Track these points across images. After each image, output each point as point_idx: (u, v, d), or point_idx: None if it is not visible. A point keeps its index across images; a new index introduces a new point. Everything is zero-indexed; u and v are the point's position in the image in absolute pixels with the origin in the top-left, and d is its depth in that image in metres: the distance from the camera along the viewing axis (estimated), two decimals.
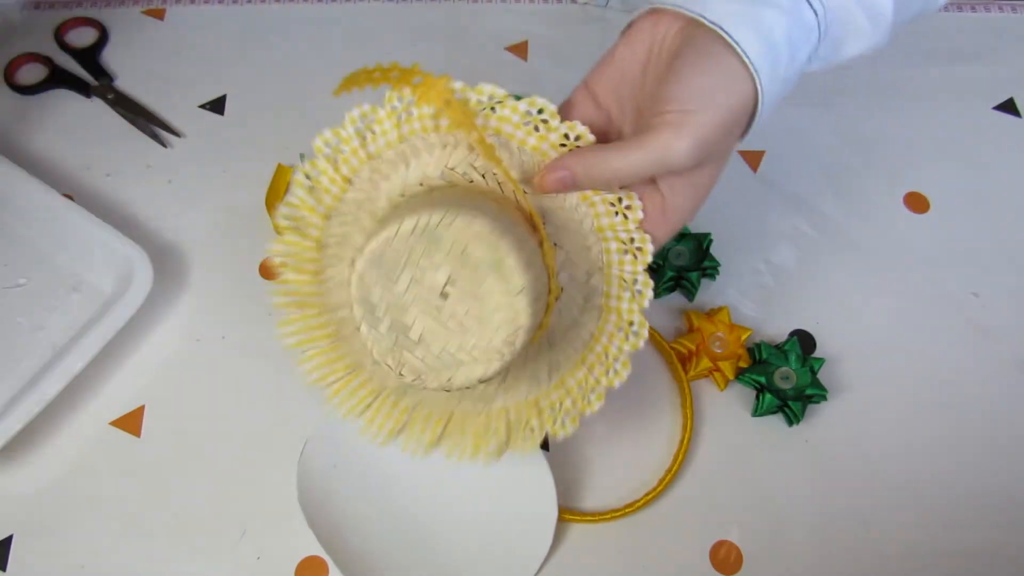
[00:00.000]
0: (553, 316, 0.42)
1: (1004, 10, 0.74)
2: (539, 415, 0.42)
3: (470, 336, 0.37)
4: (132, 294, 0.54)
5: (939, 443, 0.55)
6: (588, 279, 0.42)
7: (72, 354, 0.52)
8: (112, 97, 0.67)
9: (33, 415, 0.51)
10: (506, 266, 0.36)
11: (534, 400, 0.43)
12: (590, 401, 0.42)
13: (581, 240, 0.41)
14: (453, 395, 0.43)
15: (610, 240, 0.41)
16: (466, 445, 0.43)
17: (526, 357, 0.42)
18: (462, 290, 0.37)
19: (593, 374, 0.42)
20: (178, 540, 0.51)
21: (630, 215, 0.41)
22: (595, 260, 0.42)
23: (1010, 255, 0.62)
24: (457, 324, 0.37)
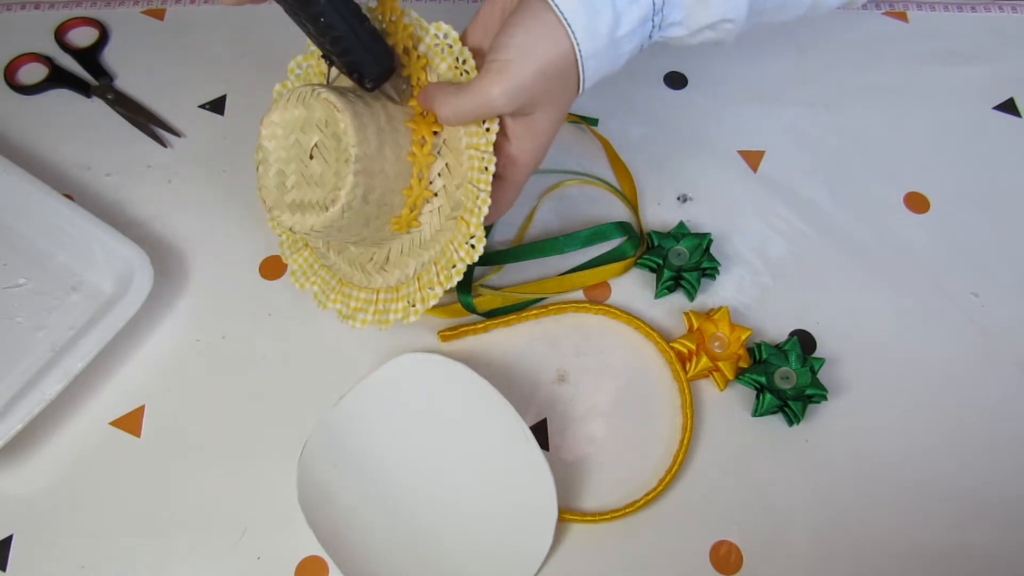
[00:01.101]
0: (427, 217, 0.50)
1: (1004, 10, 0.74)
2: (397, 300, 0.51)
3: (316, 191, 0.47)
4: (132, 294, 0.54)
5: (939, 443, 0.55)
6: (456, 190, 0.49)
7: (72, 354, 0.52)
8: (112, 97, 0.67)
9: (33, 415, 0.51)
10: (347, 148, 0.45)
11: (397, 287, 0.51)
12: (424, 297, 0.49)
13: (459, 155, 0.48)
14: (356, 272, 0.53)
15: (474, 159, 0.47)
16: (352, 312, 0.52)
17: (402, 249, 0.51)
18: (323, 156, 0.47)
19: (438, 278, 0.49)
20: (178, 540, 0.51)
21: (489, 132, 0.46)
22: (465, 173, 0.48)
23: (1010, 255, 0.62)
24: (313, 180, 0.47)
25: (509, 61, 0.43)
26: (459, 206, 0.48)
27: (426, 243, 0.50)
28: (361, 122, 0.45)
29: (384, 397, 0.53)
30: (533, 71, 0.43)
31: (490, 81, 0.43)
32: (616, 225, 0.61)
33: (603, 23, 0.43)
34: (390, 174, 0.47)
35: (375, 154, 0.45)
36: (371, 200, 0.46)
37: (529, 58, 0.43)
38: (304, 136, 0.47)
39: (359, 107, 0.45)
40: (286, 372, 0.56)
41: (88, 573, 0.50)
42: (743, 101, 0.68)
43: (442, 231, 0.49)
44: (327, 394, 0.54)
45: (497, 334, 0.58)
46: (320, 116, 0.46)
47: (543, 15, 0.43)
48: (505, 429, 0.51)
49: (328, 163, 0.46)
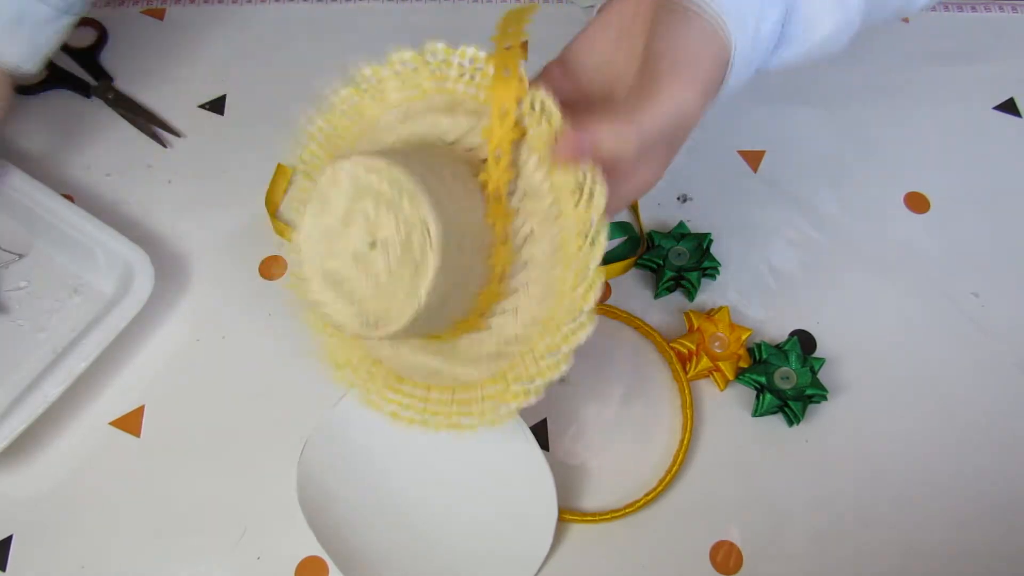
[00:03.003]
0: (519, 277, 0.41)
1: (1004, 10, 0.74)
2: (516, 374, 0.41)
3: (394, 293, 0.37)
4: (133, 297, 0.54)
5: (939, 443, 0.55)
6: (552, 254, 0.40)
7: (73, 356, 0.52)
8: (112, 97, 0.67)
9: (35, 417, 0.51)
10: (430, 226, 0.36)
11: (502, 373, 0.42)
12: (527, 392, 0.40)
13: (545, 210, 0.40)
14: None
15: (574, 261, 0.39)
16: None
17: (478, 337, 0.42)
18: (386, 247, 0.37)
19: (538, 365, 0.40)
20: (178, 540, 0.51)
21: (593, 202, 0.38)
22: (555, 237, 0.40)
23: (1010, 255, 0.62)
24: (377, 278, 0.38)
25: (690, 58, 0.37)
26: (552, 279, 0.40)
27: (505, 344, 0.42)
28: (419, 174, 0.36)
29: None
30: (713, 68, 0.38)
31: (683, 82, 0.37)
32: (616, 225, 0.61)
33: (748, 27, 0.39)
34: (473, 235, 0.39)
35: (451, 209, 0.37)
36: (462, 265, 0.38)
37: (705, 56, 0.37)
38: (348, 230, 0.38)
39: (410, 161, 0.37)
40: (286, 372, 0.56)
41: (88, 573, 0.50)
42: (743, 101, 0.68)
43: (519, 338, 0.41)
44: (327, 394, 0.54)
45: None
46: (362, 189, 0.37)
47: (697, 20, 0.38)
48: (505, 429, 0.51)
49: (395, 241, 0.37)
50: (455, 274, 0.37)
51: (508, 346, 0.41)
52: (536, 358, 0.40)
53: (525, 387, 0.40)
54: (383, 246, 0.37)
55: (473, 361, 0.42)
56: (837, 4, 0.42)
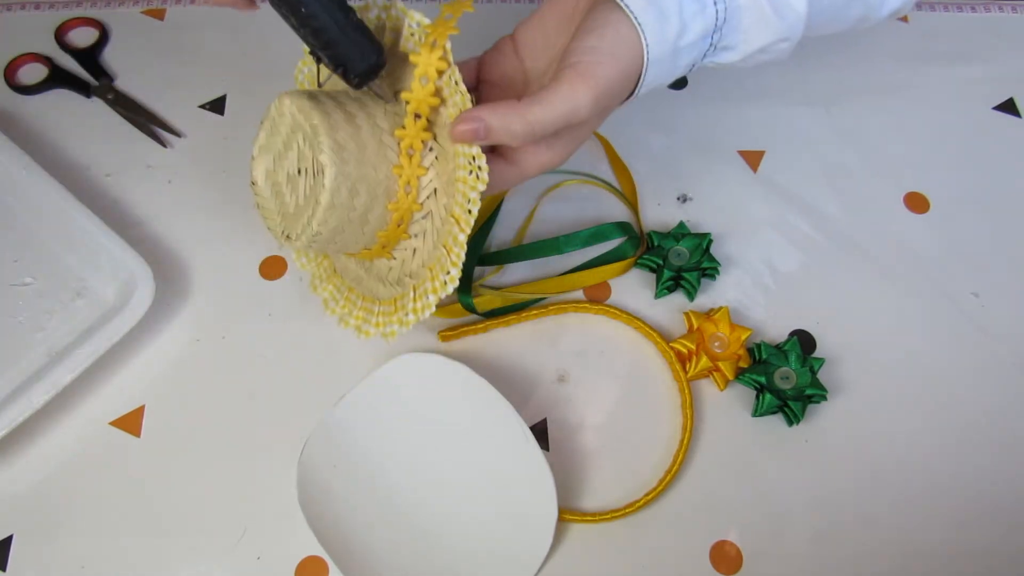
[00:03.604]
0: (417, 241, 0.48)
1: (1004, 10, 0.74)
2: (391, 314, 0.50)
3: (302, 215, 0.45)
4: (132, 307, 0.54)
5: (939, 443, 0.55)
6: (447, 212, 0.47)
7: (65, 363, 0.53)
8: (112, 97, 0.67)
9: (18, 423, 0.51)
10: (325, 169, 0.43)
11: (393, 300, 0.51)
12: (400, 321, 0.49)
13: (449, 177, 0.46)
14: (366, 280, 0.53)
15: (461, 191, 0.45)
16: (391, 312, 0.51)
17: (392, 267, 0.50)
18: (306, 175, 0.45)
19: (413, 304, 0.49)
20: (178, 540, 0.51)
21: (480, 176, 0.43)
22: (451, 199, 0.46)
23: (1010, 255, 0.62)
24: (297, 199, 0.46)
25: (593, 63, 0.41)
26: (442, 234, 0.47)
27: (415, 269, 0.49)
28: (332, 123, 0.43)
29: (384, 397, 0.53)
30: (616, 73, 0.41)
31: (577, 85, 0.41)
32: (616, 225, 0.61)
33: (670, 30, 0.42)
34: (373, 183, 0.45)
35: (354, 158, 0.44)
36: (357, 206, 0.45)
37: (611, 60, 0.41)
38: (287, 152, 0.46)
39: (331, 110, 0.44)
40: (286, 372, 0.56)
41: (88, 573, 0.50)
42: (743, 101, 0.68)
43: (430, 256, 0.48)
44: (327, 394, 0.54)
45: (497, 334, 0.58)
46: (296, 124, 0.45)
47: (619, 23, 0.41)
48: (505, 429, 0.51)
49: (310, 174, 0.45)
50: (347, 211, 0.44)
51: (406, 278, 0.50)
52: (417, 296, 0.48)
53: (402, 317, 0.49)
54: (304, 174, 0.45)
55: (383, 281, 0.51)
56: (777, 17, 0.44)
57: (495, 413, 0.51)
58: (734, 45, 0.45)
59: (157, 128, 0.66)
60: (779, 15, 0.44)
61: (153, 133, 0.65)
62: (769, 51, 0.46)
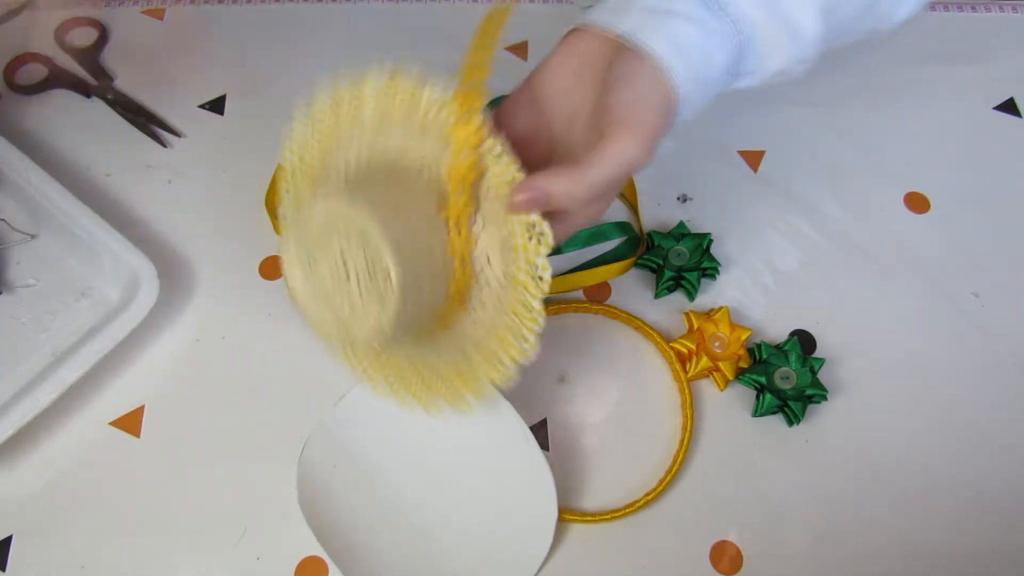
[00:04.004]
0: (475, 303, 0.45)
1: (1004, 10, 0.74)
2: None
3: (359, 317, 0.42)
4: (136, 306, 0.54)
5: (939, 443, 0.55)
6: (505, 281, 0.44)
7: (70, 363, 0.52)
8: (112, 97, 0.67)
9: (24, 423, 0.51)
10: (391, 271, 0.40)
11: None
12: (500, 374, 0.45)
13: (504, 237, 0.43)
14: None
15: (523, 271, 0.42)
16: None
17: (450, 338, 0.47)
18: (358, 276, 0.41)
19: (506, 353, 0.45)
20: (178, 540, 0.51)
21: (543, 240, 0.41)
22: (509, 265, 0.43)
23: (1010, 255, 0.62)
24: (352, 301, 0.42)
25: (636, 112, 0.40)
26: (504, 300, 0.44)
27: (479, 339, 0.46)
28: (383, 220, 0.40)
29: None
30: (658, 118, 0.40)
31: (626, 139, 0.39)
32: (616, 225, 0.61)
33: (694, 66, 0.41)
34: (433, 268, 0.42)
35: (410, 249, 0.41)
36: (423, 297, 0.42)
37: (650, 106, 0.40)
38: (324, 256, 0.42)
39: (376, 202, 0.41)
40: (286, 372, 0.56)
41: (88, 573, 0.50)
42: (743, 101, 0.68)
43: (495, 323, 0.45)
44: (327, 394, 0.54)
45: None
46: (331, 226, 0.41)
47: (644, 65, 0.41)
48: (505, 429, 0.51)
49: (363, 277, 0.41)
50: (416, 304, 0.41)
51: (469, 349, 0.46)
52: (488, 363, 0.45)
53: (477, 385, 0.46)
54: (355, 275, 0.41)
55: (441, 352, 0.47)
56: (790, 40, 0.44)
57: (495, 413, 0.51)
58: (753, 71, 0.45)
59: (157, 128, 0.66)
60: (793, 38, 0.44)
61: (153, 133, 0.65)
62: (787, 73, 0.46)
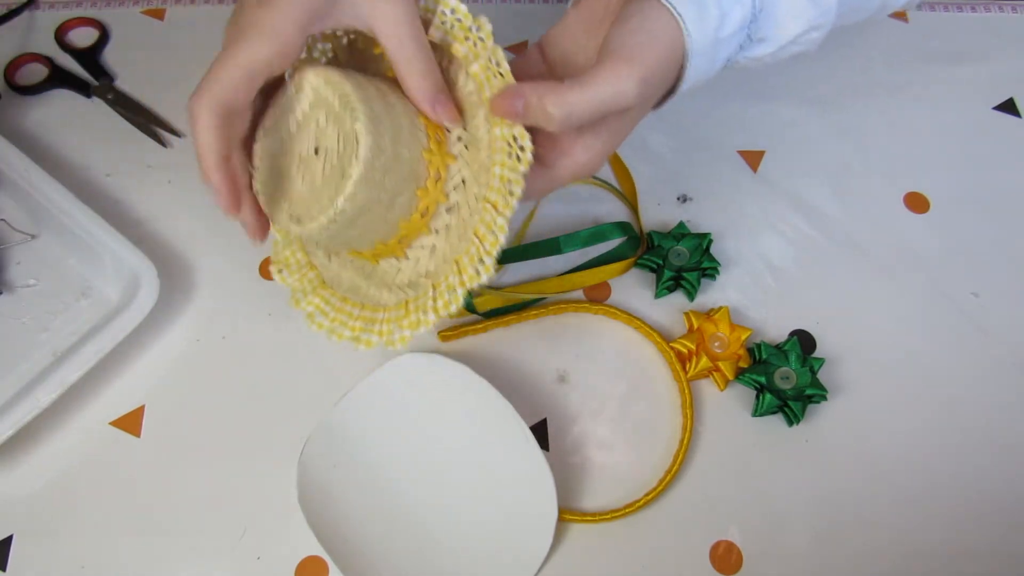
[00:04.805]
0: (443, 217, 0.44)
1: (1004, 10, 0.74)
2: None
3: (320, 195, 0.41)
4: (136, 306, 0.54)
5: (939, 443, 0.55)
6: (475, 202, 0.43)
7: (70, 363, 0.53)
8: (112, 97, 0.67)
9: (24, 423, 0.51)
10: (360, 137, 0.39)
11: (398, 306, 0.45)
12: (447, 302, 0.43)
13: (481, 167, 0.43)
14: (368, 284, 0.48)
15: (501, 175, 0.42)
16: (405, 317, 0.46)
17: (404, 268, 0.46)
18: (325, 154, 0.41)
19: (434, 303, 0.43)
20: (178, 540, 0.51)
21: (524, 153, 0.40)
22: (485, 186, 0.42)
23: (1010, 255, 0.62)
24: (312, 181, 0.42)
25: (637, 45, 0.39)
26: (470, 226, 0.43)
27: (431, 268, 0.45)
28: (366, 95, 0.40)
29: (384, 397, 0.53)
30: (659, 59, 0.39)
31: (621, 68, 0.39)
32: (616, 225, 0.61)
33: (710, 20, 0.41)
34: (406, 164, 0.42)
35: (389, 134, 0.40)
36: (387, 186, 0.41)
37: (654, 43, 0.39)
38: (300, 134, 0.42)
39: (363, 83, 0.40)
40: (286, 372, 0.56)
41: (88, 573, 0.50)
42: (743, 101, 0.68)
43: (451, 252, 0.44)
44: (327, 394, 0.54)
45: (497, 334, 0.58)
46: (319, 100, 0.41)
47: (656, 8, 0.40)
48: (505, 429, 0.51)
49: (333, 151, 0.41)
50: (377, 191, 0.40)
51: (420, 279, 0.45)
52: (438, 294, 0.43)
53: (420, 317, 0.43)
54: (323, 153, 0.41)
55: (388, 286, 0.46)
56: (809, 3, 0.43)
57: (495, 413, 0.51)
58: (768, 36, 0.44)
59: (157, 128, 0.66)
60: (813, 2, 0.43)
61: (153, 133, 0.65)
62: (800, 41, 0.45)
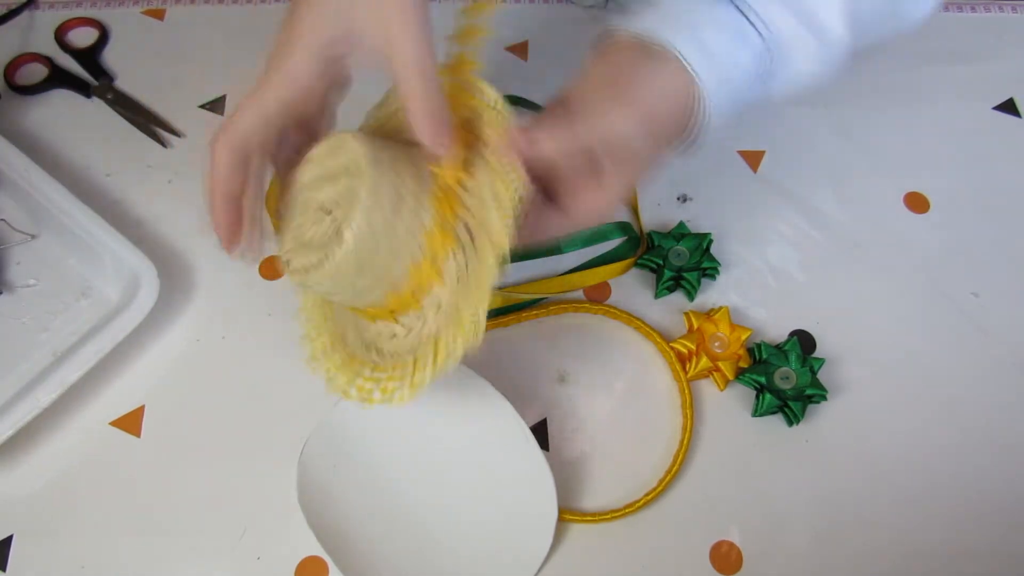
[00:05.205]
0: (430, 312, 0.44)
1: (1004, 10, 0.74)
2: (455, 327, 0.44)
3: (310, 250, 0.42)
4: (136, 306, 0.54)
5: (939, 443, 0.55)
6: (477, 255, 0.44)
7: (70, 363, 0.53)
8: (112, 97, 0.67)
9: (24, 423, 0.51)
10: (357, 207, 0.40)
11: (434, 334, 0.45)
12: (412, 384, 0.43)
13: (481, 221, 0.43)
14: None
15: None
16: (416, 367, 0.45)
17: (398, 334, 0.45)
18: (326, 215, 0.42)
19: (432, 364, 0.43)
20: (178, 540, 0.51)
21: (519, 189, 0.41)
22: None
23: (1010, 255, 0.62)
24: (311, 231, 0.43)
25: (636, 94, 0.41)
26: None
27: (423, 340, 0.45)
28: (381, 179, 0.41)
29: None
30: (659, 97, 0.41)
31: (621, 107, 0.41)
32: (616, 225, 0.61)
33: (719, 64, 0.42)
34: (399, 245, 0.42)
35: (388, 219, 0.41)
36: (371, 263, 0.42)
37: (651, 87, 0.41)
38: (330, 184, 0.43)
39: (385, 167, 0.41)
40: (286, 372, 0.56)
41: (88, 573, 0.50)
42: None
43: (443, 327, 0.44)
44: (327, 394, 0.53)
45: (497, 334, 0.58)
46: (346, 166, 0.42)
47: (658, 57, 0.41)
48: (505, 429, 0.51)
49: (328, 228, 0.42)
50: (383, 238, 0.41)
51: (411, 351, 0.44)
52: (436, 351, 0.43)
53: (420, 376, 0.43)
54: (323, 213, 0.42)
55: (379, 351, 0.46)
56: (819, 43, 0.44)
57: (495, 413, 0.51)
58: (784, 77, 0.45)
59: (157, 128, 0.66)
60: (820, 39, 0.44)
61: (153, 133, 0.65)
62: (820, 76, 0.46)
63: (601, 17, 0.72)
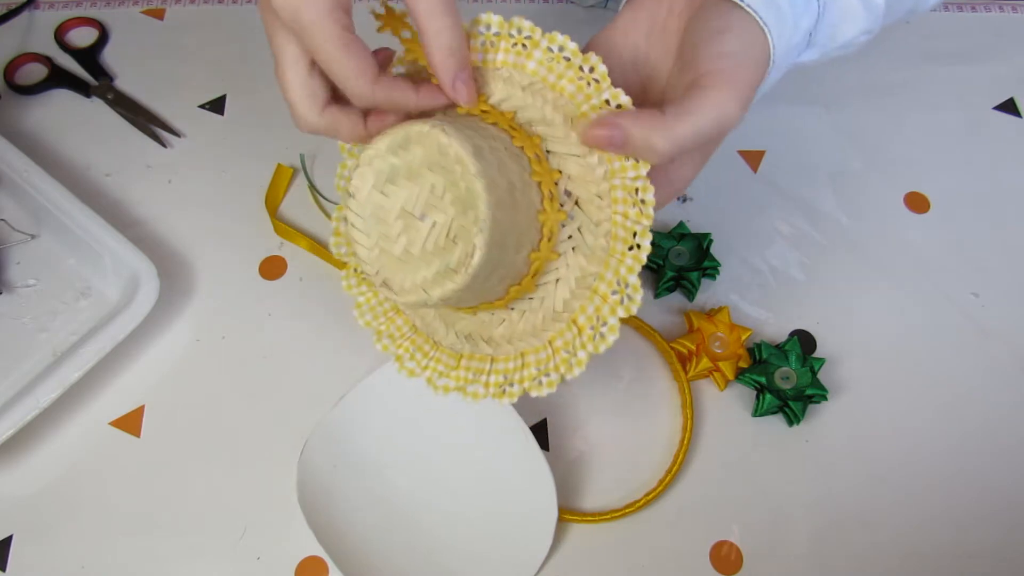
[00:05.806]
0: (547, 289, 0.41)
1: (1004, 10, 0.74)
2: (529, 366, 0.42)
3: (418, 267, 0.37)
4: (136, 306, 0.54)
5: (939, 443, 0.55)
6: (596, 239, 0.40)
7: (70, 362, 0.53)
8: (112, 97, 0.67)
9: (25, 422, 0.51)
10: (478, 207, 0.35)
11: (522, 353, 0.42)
12: (571, 366, 0.40)
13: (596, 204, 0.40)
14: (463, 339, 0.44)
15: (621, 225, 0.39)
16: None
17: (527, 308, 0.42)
18: (433, 228, 0.37)
19: (581, 337, 0.40)
20: (178, 540, 0.51)
21: (644, 205, 0.38)
22: (604, 227, 0.39)
23: (1010, 255, 0.62)
24: (410, 244, 0.38)
25: (736, 67, 0.37)
26: (588, 273, 0.40)
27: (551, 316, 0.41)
28: (491, 178, 0.36)
29: (384, 397, 0.53)
30: (757, 76, 0.38)
31: (725, 92, 0.36)
32: None
33: (787, 28, 0.39)
34: (518, 238, 0.38)
35: (510, 212, 0.37)
36: (500, 262, 0.37)
37: (751, 63, 0.37)
38: (407, 184, 0.38)
39: (486, 155, 0.36)
40: (286, 372, 0.56)
41: (88, 573, 0.50)
42: None
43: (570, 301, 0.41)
44: (327, 394, 0.54)
45: None
46: (437, 163, 0.37)
47: (742, 19, 0.38)
48: (505, 429, 0.51)
49: (445, 223, 0.37)
50: (509, 234, 0.37)
51: (535, 332, 0.41)
52: (555, 350, 0.40)
53: (538, 375, 0.40)
54: (432, 225, 0.37)
55: (490, 341, 0.43)
56: (864, 11, 0.42)
57: (495, 413, 0.51)
58: (821, 42, 0.43)
59: (157, 128, 0.66)
60: (867, 7, 0.43)
61: (153, 133, 0.65)
62: (849, 46, 0.44)
63: (601, 17, 0.72)
